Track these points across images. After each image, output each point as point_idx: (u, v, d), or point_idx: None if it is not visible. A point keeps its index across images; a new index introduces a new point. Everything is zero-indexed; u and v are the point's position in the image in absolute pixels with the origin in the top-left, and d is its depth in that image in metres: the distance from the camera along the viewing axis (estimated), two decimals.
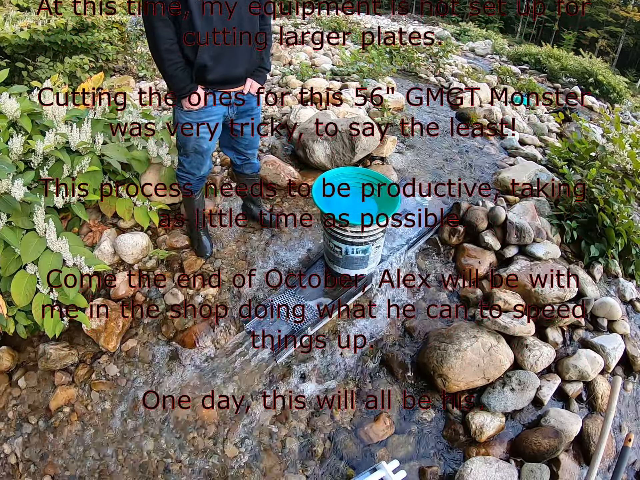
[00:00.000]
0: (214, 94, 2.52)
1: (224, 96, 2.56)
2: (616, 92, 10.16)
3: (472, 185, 4.18)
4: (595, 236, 3.56)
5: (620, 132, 4.40)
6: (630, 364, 3.10)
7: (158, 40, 2.24)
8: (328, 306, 2.93)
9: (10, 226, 2.53)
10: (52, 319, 2.50)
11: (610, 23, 30.32)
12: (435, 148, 4.81)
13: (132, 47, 6.67)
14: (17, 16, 5.54)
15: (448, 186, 4.11)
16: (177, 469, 2.38)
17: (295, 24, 11.26)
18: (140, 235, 3.12)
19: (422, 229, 3.54)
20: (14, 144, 2.71)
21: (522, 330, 2.76)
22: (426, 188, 4.03)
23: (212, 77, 2.41)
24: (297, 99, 5.12)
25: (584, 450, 2.61)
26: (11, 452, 2.49)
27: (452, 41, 10.69)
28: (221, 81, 2.47)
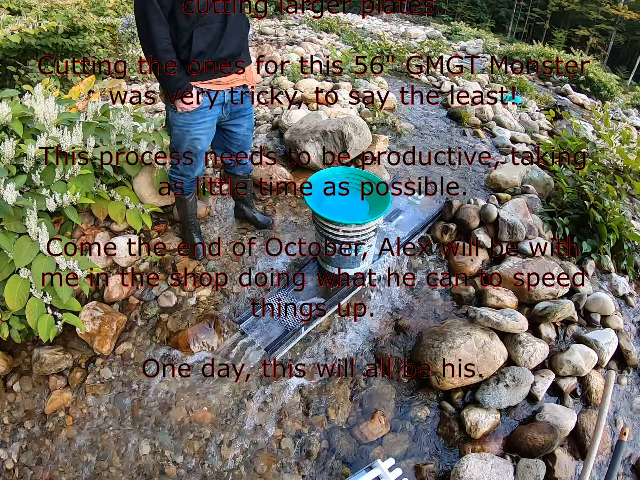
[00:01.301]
0: (211, 94, 2.53)
1: (218, 95, 2.57)
2: (607, 90, 10.22)
3: (463, 183, 4.20)
4: (587, 232, 3.58)
5: (610, 129, 4.44)
6: (624, 358, 3.11)
7: (154, 39, 2.23)
8: (321, 305, 2.94)
9: (3, 230, 2.53)
10: (46, 323, 2.50)
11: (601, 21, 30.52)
12: (427, 147, 4.82)
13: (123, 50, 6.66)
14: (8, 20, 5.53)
15: (440, 184, 4.12)
16: (173, 471, 2.38)
17: (286, 25, 11.26)
18: (133, 238, 3.11)
19: (414, 228, 3.55)
20: (6, 148, 2.70)
21: (515, 326, 2.77)
22: (418, 187, 4.04)
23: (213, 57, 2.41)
24: (288, 99, 5.12)
25: (579, 444, 2.62)
26: (7, 457, 2.48)
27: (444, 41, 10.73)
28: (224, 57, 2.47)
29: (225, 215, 3.52)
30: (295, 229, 3.51)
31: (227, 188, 3.75)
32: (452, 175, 4.36)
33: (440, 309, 3.13)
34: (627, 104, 10.59)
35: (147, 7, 2.17)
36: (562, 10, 31.31)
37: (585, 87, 10.13)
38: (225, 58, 2.47)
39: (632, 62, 29.35)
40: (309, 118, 4.17)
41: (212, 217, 3.50)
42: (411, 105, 5.93)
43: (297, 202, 3.74)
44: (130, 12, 7.33)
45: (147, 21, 2.20)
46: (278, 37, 9.47)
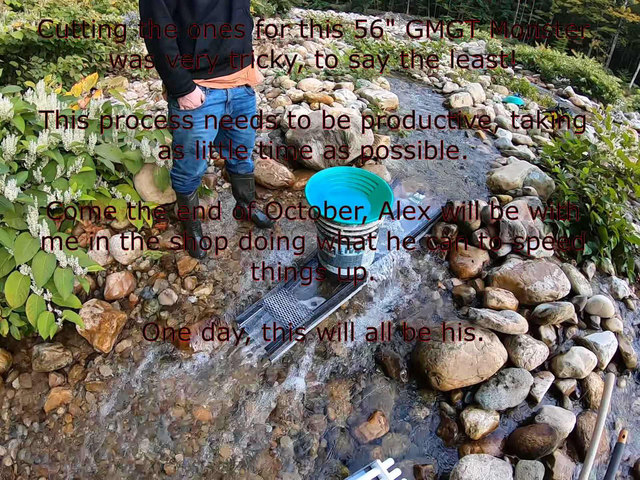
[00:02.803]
0: (212, 92, 2.53)
1: (221, 94, 2.57)
2: (609, 92, 10.22)
3: (465, 184, 4.20)
4: (588, 235, 3.58)
5: (611, 132, 4.43)
6: (623, 361, 3.11)
7: (159, 35, 2.23)
8: (322, 305, 2.94)
9: (4, 227, 2.53)
10: (46, 320, 2.50)
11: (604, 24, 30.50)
12: (428, 147, 4.81)
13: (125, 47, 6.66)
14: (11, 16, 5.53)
15: (441, 185, 4.12)
16: (172, 470, 2.38)
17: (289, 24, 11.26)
18: (134, 236, 3.11)
19: (415, 228, 3.55)
20: (7, 145, 2.70)
21: (515, 328, 2.77)
22: (419, 187, 4.04)
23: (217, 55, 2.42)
24: (290, 98, 5.12)
25: (578, 447, 2.63)
26: (6, 454, 2.48)
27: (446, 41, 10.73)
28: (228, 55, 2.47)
29: (227, 214, 3.52)
30: (296, 228, 3.51)
31: (228, 187, 3.75)
32: (454, 175, 4.35)
33: (440, 310, 3.13)
34: (629, 107, 10.60)
35: (153, 4, 2.17)
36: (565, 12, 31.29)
37: (587, 89, 10.13)
38: (228, 56, 2.47)
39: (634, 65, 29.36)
40: (311, 117, 4.16)
41: (213, 215, 3.49)
42: (413, 105, 5.93)
43: (298, 201, 3.74)
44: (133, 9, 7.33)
45: (152, 18, 2.20)
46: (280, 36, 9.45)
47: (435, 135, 5.15)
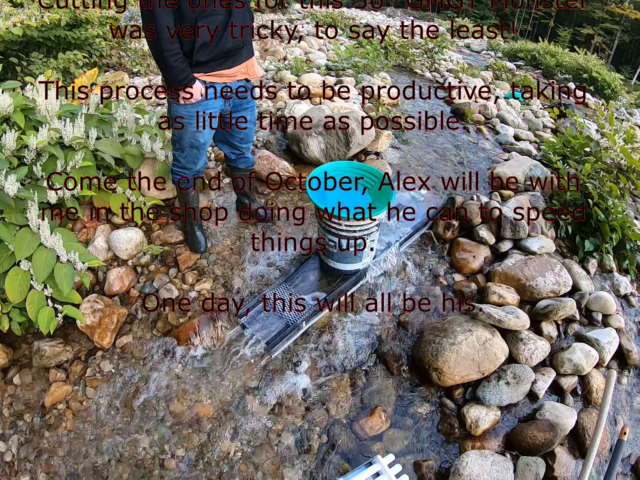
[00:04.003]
0: (214, 87, 2.52)
1: (221, 88, 2.56)
2: (611, 89, 10.18)
3: (466, 179, 4.19)
4: (590, 231, 3.57)
5: (614, 128, 4.42)
6: (624, 357, 3.11)
7: (160, 29, 2.22)
8: (322, 300, 2.93)
9: (4, 222, 2.52)
10: (47, 316, 2.49)
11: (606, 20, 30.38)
12: (430, 143, 4.81)
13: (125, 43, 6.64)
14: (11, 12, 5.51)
15: (443, 180, 4.11)
16: (173, 465, 2.38)
17: (290, 19, 11.23)
18: (134, 231, 3.11)
19: (416, 223, 3.53)
20: (7, 140, 2.69)
21: (516, 323, 2.76)
22: (421, 182, 4.03)
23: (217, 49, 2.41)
24: (291, 93, 5.10)
25: (579, 443, 2.62)
26: (6, 449, 2.48)
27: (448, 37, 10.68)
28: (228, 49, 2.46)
29: (227, 209, 3.51)
30: (296, 222, 3.50)
31: (228, 181, 3.74)
32: (455, 170, 4.34)
33: (441, 305, 3.12)
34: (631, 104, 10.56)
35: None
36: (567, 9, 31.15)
37: (589, 85, 10.08)
38: (229, 50, 2.46)
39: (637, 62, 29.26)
40: (312, 112, 4.15)
41: (213, 210, 3.48)
42: (414, 100, 5.90)
43: (299, 196, 3.73)
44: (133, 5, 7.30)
45: (152, 12, 2.19)
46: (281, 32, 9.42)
47: (437, 131, 5.13)
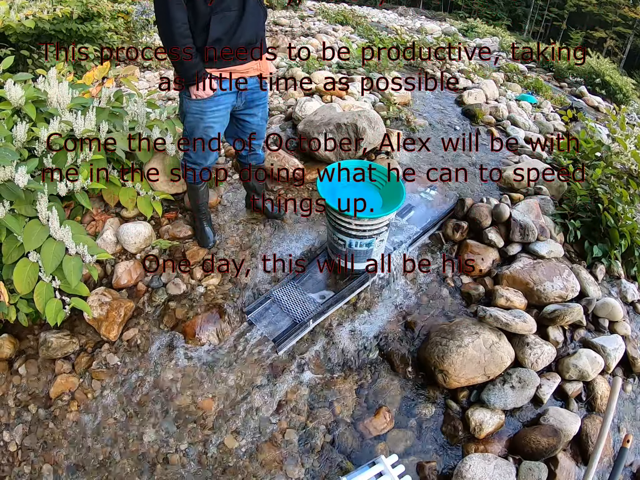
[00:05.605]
0: (224, 82, 2.52)
1: (233, 84, 2.56)
2: (622, 93, 10.10)
3: (477, 181, 4.17)
4: (599, 236, 3.55)
5: (625, 133, 4.38)
6: (630, 365, 3.09)
7: (173, 23, 2.23)
8: (330, 299, 2.93)
9: (13, 214, 2.53)
10: (54, 307, 2.50)
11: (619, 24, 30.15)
12: (440, 143, 4.78)
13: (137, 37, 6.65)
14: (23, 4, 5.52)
15: (453, 182, 4.10)
16: (177, 459, 2.39)
17: (301, 16, 11.21)
18: (143, 225, 3.12)
19: (425, 224, 3.53)
20: (18, 132, 2.70)
21: (523, 327, 2.75)
22: (431, 183, 4.02)
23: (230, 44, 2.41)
24: (302, 91, 5.10)
25: (582, 450, 2.62)
26: (11, 440, 2.50)
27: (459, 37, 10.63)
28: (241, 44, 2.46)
29: (237, 205, 3.51)
30: (306, 220, 3.50)
31: (238, 177, 3.74)
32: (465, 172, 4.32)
33: (449, 307, 3.11)
34: None
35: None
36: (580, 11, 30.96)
37: (600, 89, 10.01)
38: (241, 46, 2.46)
39: None
40: (323, 110, 4.14)
41: (223, 206, 3.49)
42: (425, 101, 5.88)
43: (309, 193, 3.72)
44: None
45: (166, 6, 2.20)
46: (293, 29, 9.42)
47: (448, 131, 5.10)
